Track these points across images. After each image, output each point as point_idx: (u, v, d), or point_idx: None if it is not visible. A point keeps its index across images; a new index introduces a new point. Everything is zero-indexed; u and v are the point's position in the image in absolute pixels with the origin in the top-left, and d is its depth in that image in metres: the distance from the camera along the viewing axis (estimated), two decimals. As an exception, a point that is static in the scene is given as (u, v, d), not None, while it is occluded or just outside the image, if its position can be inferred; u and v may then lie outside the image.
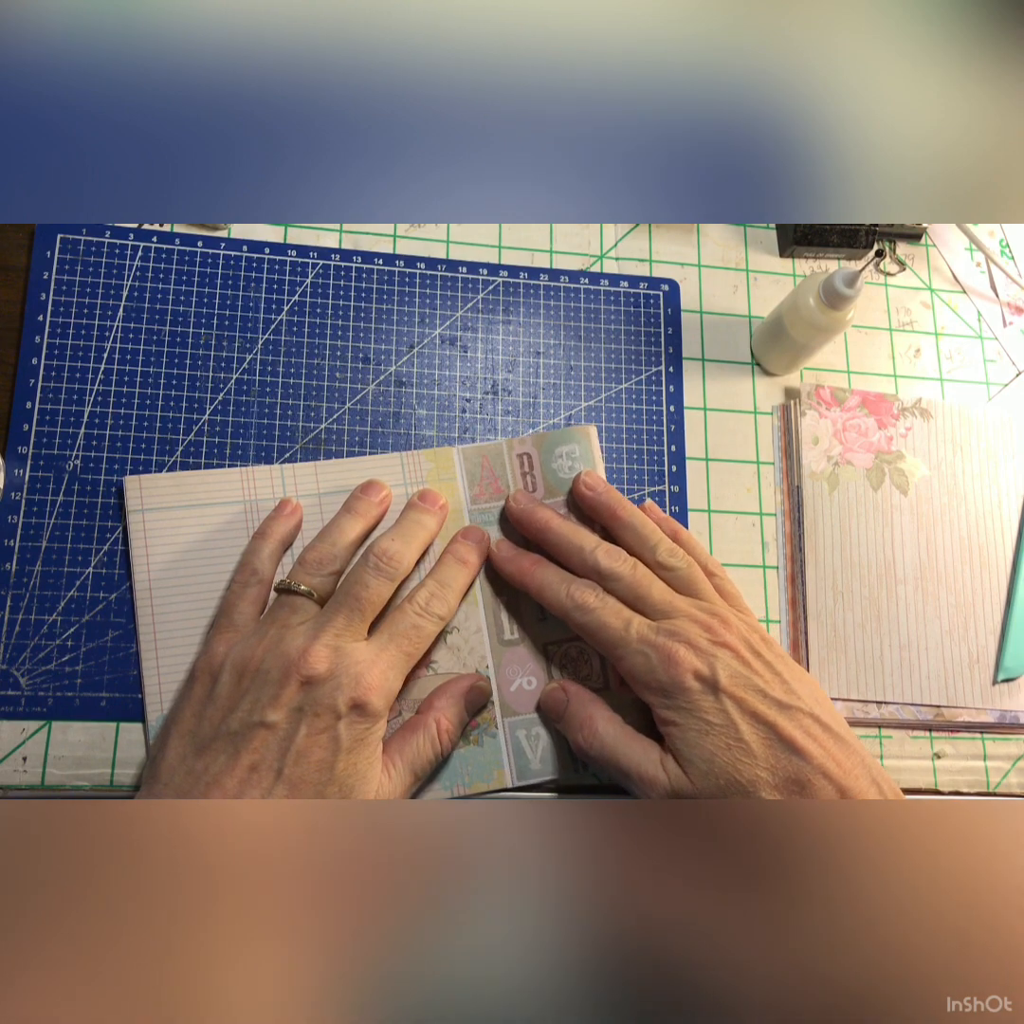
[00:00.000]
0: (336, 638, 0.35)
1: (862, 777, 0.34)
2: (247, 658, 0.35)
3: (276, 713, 0.34)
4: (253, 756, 0.33)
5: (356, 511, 0.41)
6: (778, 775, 0.34)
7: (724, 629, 0.37)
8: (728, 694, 0.35)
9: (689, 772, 0.35)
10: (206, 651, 0.37)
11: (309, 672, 0.34)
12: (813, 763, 0.34)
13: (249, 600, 0.38)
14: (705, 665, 0.36)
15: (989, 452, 0.49)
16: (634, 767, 0.36)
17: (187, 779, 0.33)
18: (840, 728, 0.36)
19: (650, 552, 0.40)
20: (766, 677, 0.36)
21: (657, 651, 0.36)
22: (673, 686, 0.36)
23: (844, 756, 0.35)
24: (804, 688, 0.37)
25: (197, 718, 0.35)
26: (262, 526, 0.41)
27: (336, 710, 0.34)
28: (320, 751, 0.34)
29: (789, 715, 0.35)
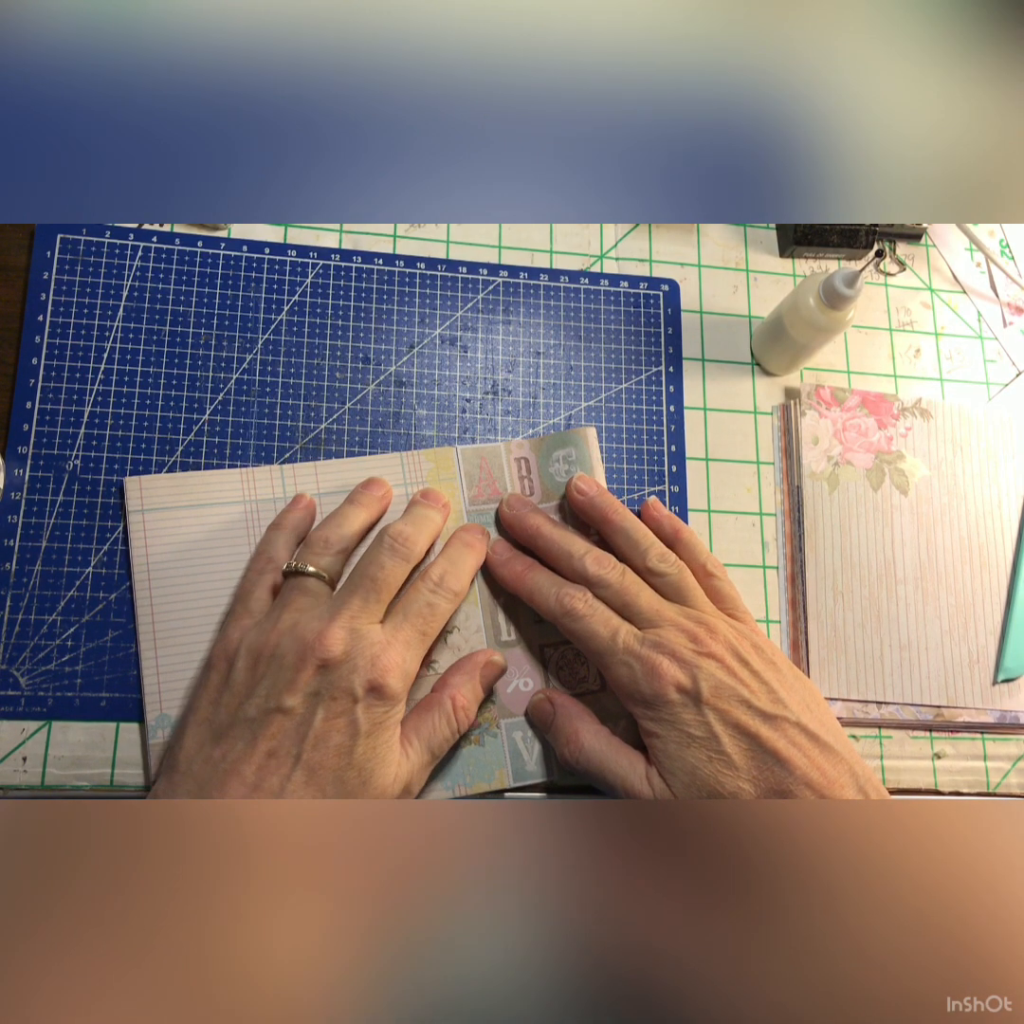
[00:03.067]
0: (352, 620, 0.35)
1: (848, 786, 0.34)
2: (262, 643, 0.35)
3: (293, 698, 0.33)
4: (271, 742, 0.33)
5: (359, 502, 0.41)
6: (760, 787, 0.34)
7: (710, 638, 0.37)
8: (710, 706, 0.35)
9: (672, 784, 0.35)
10: (222, 638, 0.37)
11: (325, 655, 0.34)
12: (796, 774, 0.34)
13: (265, 587, 0.38)
14: (688, 677, 0.35)
15: (989, 452, 0.49)
16: (619, 781, 0.36)
17: (205, 767, 0.33)
18: (828, 736, 0.35)
19: (641, 557, 0.40)
20: (752, 686, 0.36)
21: (641, 663, 0.36)
22: (655, 698, 0.36)
23: (830, 765, 0.34)
24: (794, 696, 0.36)
25: (214, 706, 0.35)
26: (277, 518, 0.41)
27: (353, 693, 0.34)
28: (338, 735, 0.34)
29: (773, 725, 0.35)
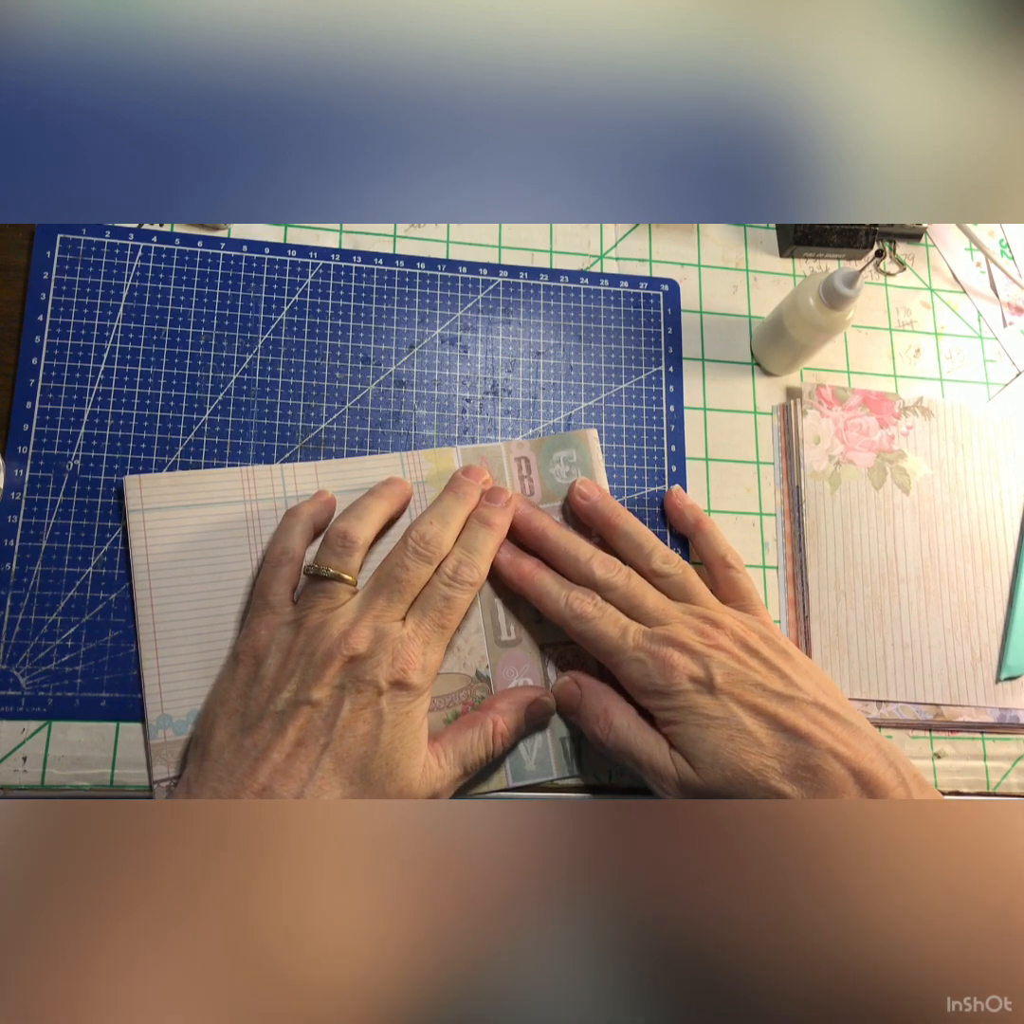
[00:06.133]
0: (376, 619, 0.36)
1: (877, 760, 0.34)
2: (291, 641, 0.36)
3: (320, 692, 0.34)
4: (300, 732, 0.34)
5: (380, 494, 0.41)
6: (786, 762, 0.34)
7: (717, 632, 0.37)
8: (725, 692, 0.35)
9: (696, 766, 0.35)
10: (247, 634, 0.38)
11: (351, 652, 0.35)
12: (821, 747, 0.34)
13: (283, 580, 0.39)
14: (700, 667, 0.36)
15: (990, 450, 0.49)
16: (645, 758, 0.37)
17: (236, 756, 0.34)
18: (849, 714, 0.36)
19: (645, 560, 0.40)
20: (763, 673, 0.36)
21: (653, 657, 0.36)
22: (670, 688, 0.36)
23: (854, 739, 0.34)
24: (808, 681, 0.37)
25: (244, 698, 0.36)
26: (294, 507, 0.41)
27: (378, 685, 0.35)
28: (364, 725, 0.35)
29: (791, 705, 0.35)
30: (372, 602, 0.37)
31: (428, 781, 0.36)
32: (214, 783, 0.34)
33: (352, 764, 0.34)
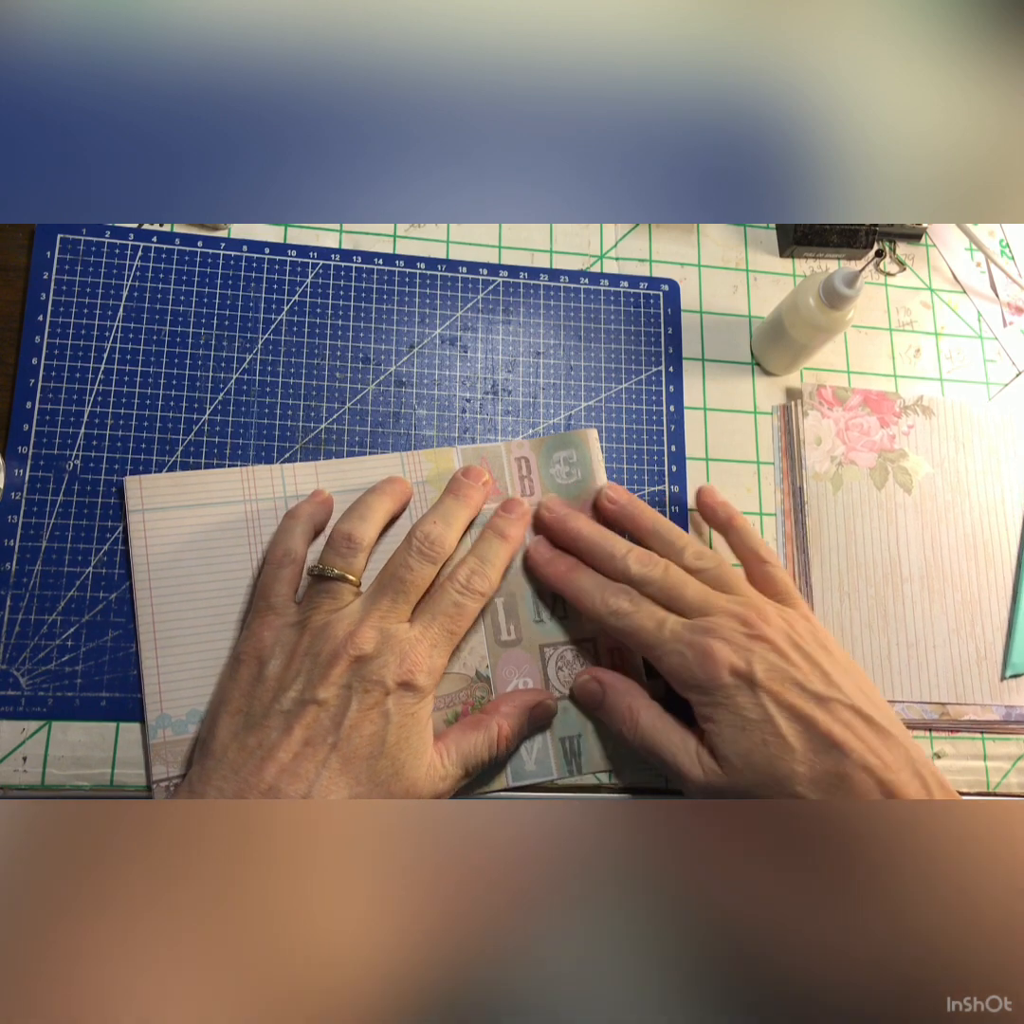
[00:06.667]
0: (381, 620, 0.36)
1: (904, 770, 0.34)
2: (295, 642, 0.36)
3: (326, 691, 0.35)
4: (306, 731, 0.34)
5: (382, 491, 0.41)
6: (816, 769, 0.34)
7: (761, 622, 0.37)
8: (765, 689, 0.35)
9: (724, 767, 0.35)
10: (249, 635, 0.37)
11: (357, 652, 0.35)
12: (852, 757, 0.34)
13: (285, 581, 0.39)
14: (741, 660, 0.36)
15: (991, 448, 0.49)
16: (670, 757, 0.37)
17: (240, 754, 0.34)
18: (884, 720, 0.35)
19: (677, 557, 0.40)
20: (804, 669, 0.36)
21: (692, 648, 0.36)
22: (710, 682, 0.36)
23: (886, 749, 0.34)
24: (847, 679, 0.36)
25: (247, 698, 0.36)
26: (293, 508, 0.41)
27: (385, 685, 0.35)
28: (371, 725, 0.35)
29: (828, 708, 0.35)
30: (377, 602, 0.37)
31: (432, 781, 0.36)
32: (218, 782, 0.34)
33: (359, 764, 0.34)
